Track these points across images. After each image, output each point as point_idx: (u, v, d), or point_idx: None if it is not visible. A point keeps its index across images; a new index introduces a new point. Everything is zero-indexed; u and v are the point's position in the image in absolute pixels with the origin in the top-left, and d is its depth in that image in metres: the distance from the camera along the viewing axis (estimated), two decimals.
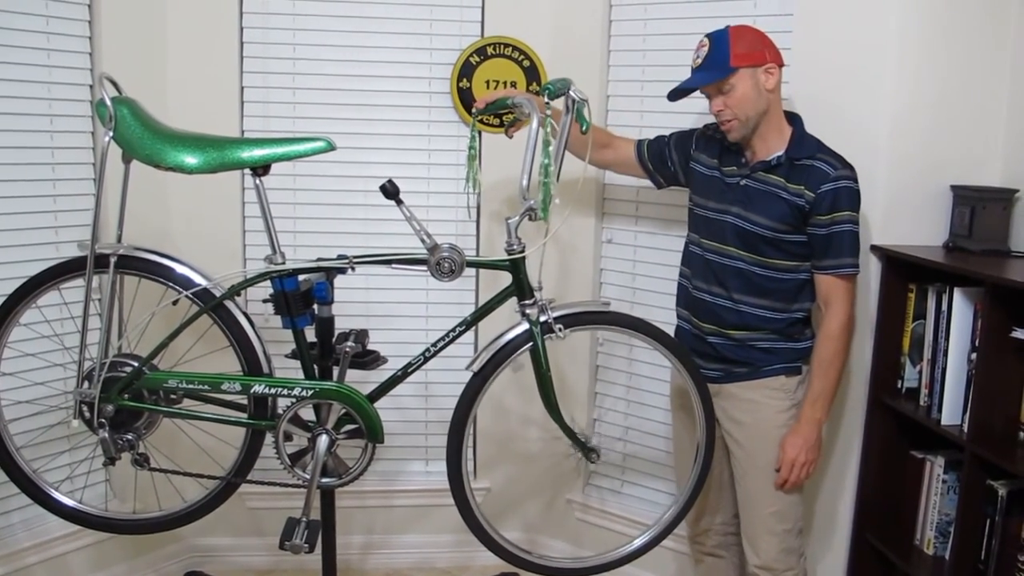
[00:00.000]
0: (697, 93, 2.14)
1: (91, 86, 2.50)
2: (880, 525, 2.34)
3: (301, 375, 2.14)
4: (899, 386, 2.29)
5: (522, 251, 2.08)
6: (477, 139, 2.25)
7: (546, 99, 1.98)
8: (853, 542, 2.41)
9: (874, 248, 2.29)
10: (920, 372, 2.21)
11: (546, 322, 2.10)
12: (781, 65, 2.09)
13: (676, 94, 2.15)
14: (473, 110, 2.30)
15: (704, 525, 2.40)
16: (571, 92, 2.07)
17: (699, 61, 2.10)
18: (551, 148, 1.94)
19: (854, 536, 2.40)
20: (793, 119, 2.15)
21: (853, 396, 2.38)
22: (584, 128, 2.06)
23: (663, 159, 2.35)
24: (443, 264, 2.06)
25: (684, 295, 2.30)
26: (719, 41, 2.07)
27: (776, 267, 2.12)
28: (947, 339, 2.09)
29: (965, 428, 2.03)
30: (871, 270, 2.30)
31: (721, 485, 2.34)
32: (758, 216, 2.10)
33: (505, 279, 2.13)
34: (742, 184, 2.14)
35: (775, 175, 2.09)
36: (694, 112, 2.53)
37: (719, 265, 2.18)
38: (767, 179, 2.10)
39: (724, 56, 2.05)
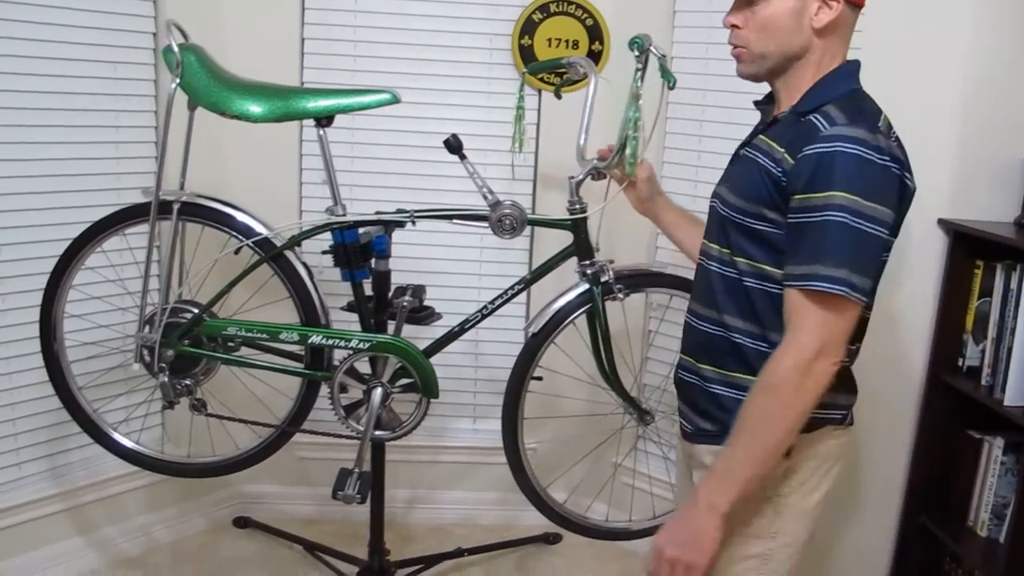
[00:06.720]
0: None
1: (154, 33, 2.50)
2: (931, 505, 2.31)
3: (356, 328, 2.16)
4: (960, 364, 2.25)
5: (584, 210, 2.06)
6: (524, 98, 2.22)
7: (635, 53, 1.93)
8: (902, 520, 2.38)
9: (941, 222, 2.24)
10: (983, 351, 2.16)
11: (606, 283, 2.09)
12: (857, 5, 1.44)
13: None
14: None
15: None
16: (651, 48, 2.03)
17: None
18: (640, 102, 1.88)
19: (904, 514, 2.37)
20: (842, 66, 1.46)
21: (907, 373, 2.33)
22: (671, 84, 1.96)
23: None
24: (504, 221, 2.05)
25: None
26: None
27: (764, 274, 1.44)
28: (1015, 318, 2.04)
29: None
30: (936, 246, 2.25)
31: None
32: (728, 193, 1.50)
33: (558, 239, 2.11)
34: (741, 153, 1.55)
35: (769, 136, 1.46)
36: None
37: (702, 269, 1.58)
38: (760, 143, 1.47)
39: None
